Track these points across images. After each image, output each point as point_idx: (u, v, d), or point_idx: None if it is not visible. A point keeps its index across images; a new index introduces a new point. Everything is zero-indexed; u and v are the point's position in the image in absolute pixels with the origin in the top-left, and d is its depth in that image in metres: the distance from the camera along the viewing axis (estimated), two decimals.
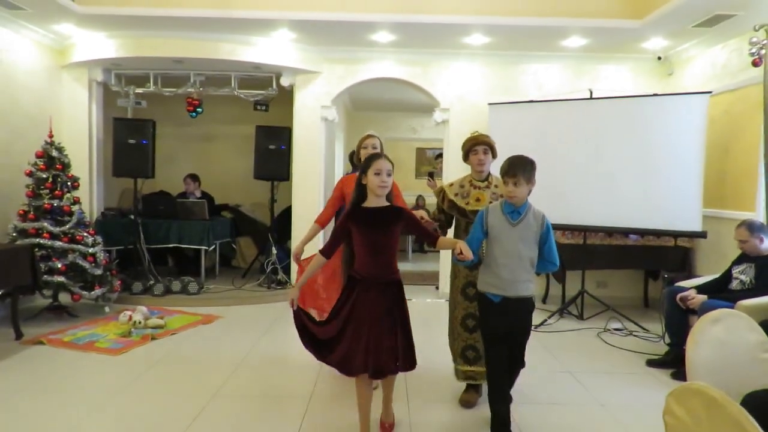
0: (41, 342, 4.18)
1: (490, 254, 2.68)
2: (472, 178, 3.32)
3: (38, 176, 4.78)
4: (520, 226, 2.66)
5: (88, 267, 4.79)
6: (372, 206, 2.56)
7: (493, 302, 2.69)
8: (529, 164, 2.68)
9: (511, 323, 2.71)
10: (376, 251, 2.55)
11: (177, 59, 5.69)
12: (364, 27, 5.21)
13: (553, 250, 2.71)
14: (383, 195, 2.55)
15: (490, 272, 2.70)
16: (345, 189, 3.46)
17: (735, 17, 4.48)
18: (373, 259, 2.55)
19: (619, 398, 3.39)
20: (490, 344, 2.76)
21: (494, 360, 2.73)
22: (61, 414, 2.99)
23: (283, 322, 5.10)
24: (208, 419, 2.98)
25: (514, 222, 2.67)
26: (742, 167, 4.74)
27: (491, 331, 2.74)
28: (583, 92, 5.52)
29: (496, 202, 2.84)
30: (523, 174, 2.63)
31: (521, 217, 2.68)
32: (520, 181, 2.63)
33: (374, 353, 2.48)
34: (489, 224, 2.70)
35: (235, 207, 7.36)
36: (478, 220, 2.75)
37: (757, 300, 3.47)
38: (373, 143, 3.42)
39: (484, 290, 2.74)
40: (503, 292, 2.67)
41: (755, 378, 2.08)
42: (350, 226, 2.56)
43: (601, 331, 4.86)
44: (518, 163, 2.67)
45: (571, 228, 5.29)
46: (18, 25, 5.16)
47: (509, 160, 2.71)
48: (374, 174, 2.50)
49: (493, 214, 2.72)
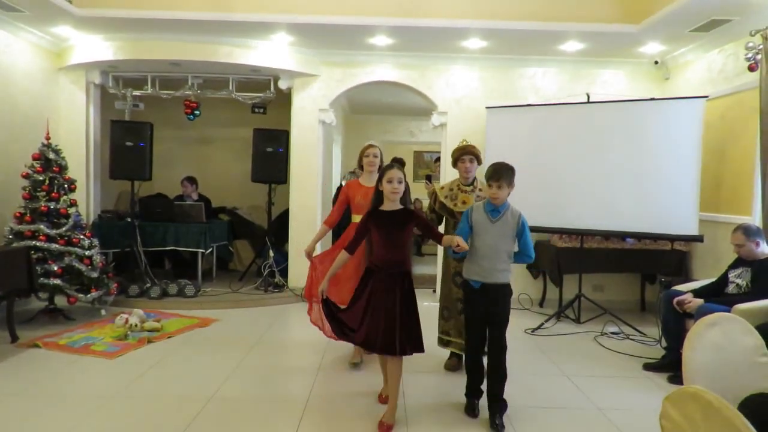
0: (37, 345, 4.16)
1: (473, 246, 3.08)
2: (459, 183, 3.85)
3: (35, 178, 4.76)
4: (498, 223, 3.05)
5: (85, 270, 4.77)
6: (387, 209, 2.97)
7: (474, 288, 3.11)
8: (511, 170, 3.04)
9: (488, 305, 3.09)
10: (392, 246, 2.97)
11: (174, 62, 5.69)
12: (362, 30, 5.22)
13: (528, 245, 3.09)
14: (396, 200, 2.95)
15: (472, 262, 3.11)
16: (349, 193, 3.90)
17: (731, 22, 4.50)
18: (389, 252, 2.97)
19: (615, 402, 3.39)
20: (470, 323, 3.19)
21: (472, 336, 3.19)
22: (57, 418, 2.98)
23: (281, 325, 5.10)
24: (204, 423, 2.97)
25: (494, 219, 3.06)
26: (739, 171, 4.75)
27: (472, 311, 3.17)
28: (580, 96, 5.55)
29: (479, 202, 3.24)
30: (506, 179, 3.00)
31: (500, 215, 3.06)
32: (503, 185, 3.00)
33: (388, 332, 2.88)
34: (473, 221, 3.10)
35: (233, 210, 7.35)
36: (464, 217, 3.16)
37: (754, 304, 3.47)
38: (374, 152, 3.84)
39: (467, 277, 3.15)
40: (483, 279, 3.07)
41: (752, 382, 2.08)
42: (370, 226, 2.99)
43: (598, 334, 4.86)
44: (501, 169, 3.03)
45: (567, 231, 5.31)
46: (15, 28, 5.16)
47: (493, 167, 3.06)
48: (387, 182, 2.92)
49: (476, 212, 3.11)
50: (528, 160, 5.34)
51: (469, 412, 3.17)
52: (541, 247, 5.88)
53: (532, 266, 6.01)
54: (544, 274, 5.96)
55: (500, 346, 3.08)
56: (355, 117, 10.60)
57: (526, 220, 3.07)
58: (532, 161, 5.33)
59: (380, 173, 3.01)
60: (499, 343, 3.08)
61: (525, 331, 4.94)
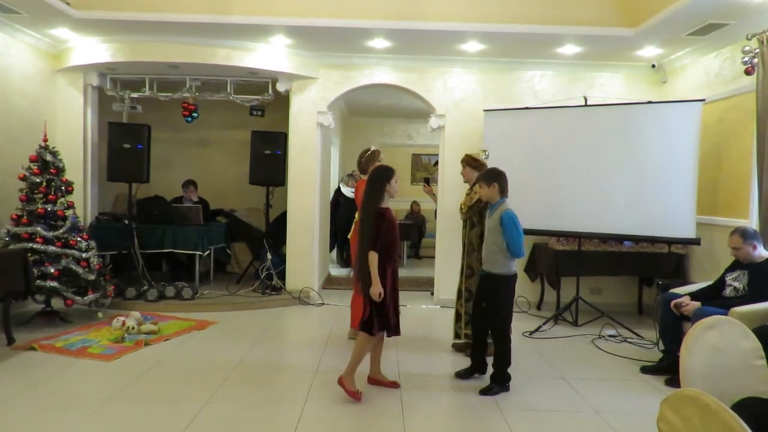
0: (33, 348, 4.14)
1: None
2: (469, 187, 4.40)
3: (32, 180, 4.75)
4: (491, 218, 3.62)
5: (82, 272, 4.76)
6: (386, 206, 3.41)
7: (481, 274, 3.75)
8: (487, 174, 3.66)
9: (484, 292, 3.67)
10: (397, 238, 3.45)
11: (173, 64, 5.69)
12: (361, 33, 5.23)
13: (509, 239, 3.46)
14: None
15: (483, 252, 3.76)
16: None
17: (728, 26, 4.52)
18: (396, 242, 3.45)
19: (613, 405, 3.39)
20: (473, 306, 3.87)
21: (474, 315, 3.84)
22: (53, 421, 2.97)
23: (278, 327, 5.09)
24: (201, 425, 2.96)
25: (489, 214, 3.67)
26: (735, 174, 4.77)
27: (476, 296, 3.82)
28: (577, 99, 5.56)
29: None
30: (481, 179, 3.68)
31: (492, 212, 3.63)
32: (481, 184, 3.67)
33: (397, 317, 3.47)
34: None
35: (230, 212, 7.34)
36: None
37: (751, 307, 3.48)
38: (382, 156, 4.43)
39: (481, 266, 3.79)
40: (483, 267, 3.70)
41: (748, 384, 2.08)
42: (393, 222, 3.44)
43: (596, 337, 4.86)
44: (481, 174, 3.80)
45: (565, 234, 5.32)
46: (13, 29, 5.15)
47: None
48: (395, 182, 3.40)
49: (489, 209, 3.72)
50: (525, 162, 5.36)
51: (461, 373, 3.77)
52: (539, 249, 5.90)
53: (530, 269, 6.01)
54: (541, 276, 5.96)
55: (496, 336, 3.59)
56: (353, 119, 10.61)
57: (510, 217, 3.46)
58: (530, 164, 5.34)
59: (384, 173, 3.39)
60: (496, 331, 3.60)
61: (522, 333, 4.94)
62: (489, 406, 3.32)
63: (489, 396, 3.46)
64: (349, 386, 3.34)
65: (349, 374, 3.37)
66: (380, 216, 3.30)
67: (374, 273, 3.26)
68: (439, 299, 5.99)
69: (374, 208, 3.32)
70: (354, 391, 3.33)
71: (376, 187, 3.37)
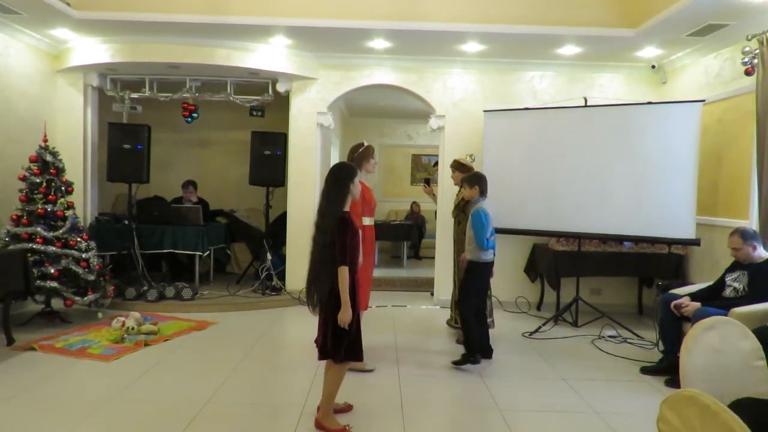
0: (33, 348, 4.14)
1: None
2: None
3: (32, 181, 4.75)
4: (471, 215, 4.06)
5: (81, 272, 4.76)
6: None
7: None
8: (470, 177, 4.11)
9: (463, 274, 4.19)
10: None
11: (173, 64, 5.69)
12: (361, 34, 5.23)
13: (474, 232, 3.93)
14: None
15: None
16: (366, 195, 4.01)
17: (728, 27, 4.53)
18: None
19: (613, 405, 3.39)
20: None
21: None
22: (53, 421, 2.97)
23: (278, 328, 5.09)
24: (201, 426, 2.96)
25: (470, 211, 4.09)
26: (735, 175, 4.77)
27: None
28: (577, 100, 5.56)
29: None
30: (465, 182, 4.13)
31: (471, 208, 4.06)
32: (464, 185, 4.15)
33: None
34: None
35: (230, 212, 7.34)
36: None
37: (751, 307, 3.48)
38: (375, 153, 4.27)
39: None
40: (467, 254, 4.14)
41: (748, 385, 2.08)
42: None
43: (596, 338, 4.86)
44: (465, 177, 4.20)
45: (565, 235, 5.32)
46: (13, 30, 5.15)
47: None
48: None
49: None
50: (525, 163, 5.36)
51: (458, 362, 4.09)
52: (539, 250, 5.90)
53: (530, 269, 6.01)
54: (541, 277, 5.96)
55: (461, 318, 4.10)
56: (353, 120, 10.61)
57: (477, 213, 3.94)
58: (530, 164, 5.35)
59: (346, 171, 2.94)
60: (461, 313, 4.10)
61: (522, 334, 4.94)
62: (489, 406, 3.33)
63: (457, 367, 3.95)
64: (331, 425, 2.90)
65: (326, 414, 2.92)
66: (344, 222, 2.79)
67: (344, 293, 2.72)
68: (439, 300, 5.98)
69: (336, 213, 2.80)
70: (340, 429, 2.90)
71: (337, 187, 2.84)
